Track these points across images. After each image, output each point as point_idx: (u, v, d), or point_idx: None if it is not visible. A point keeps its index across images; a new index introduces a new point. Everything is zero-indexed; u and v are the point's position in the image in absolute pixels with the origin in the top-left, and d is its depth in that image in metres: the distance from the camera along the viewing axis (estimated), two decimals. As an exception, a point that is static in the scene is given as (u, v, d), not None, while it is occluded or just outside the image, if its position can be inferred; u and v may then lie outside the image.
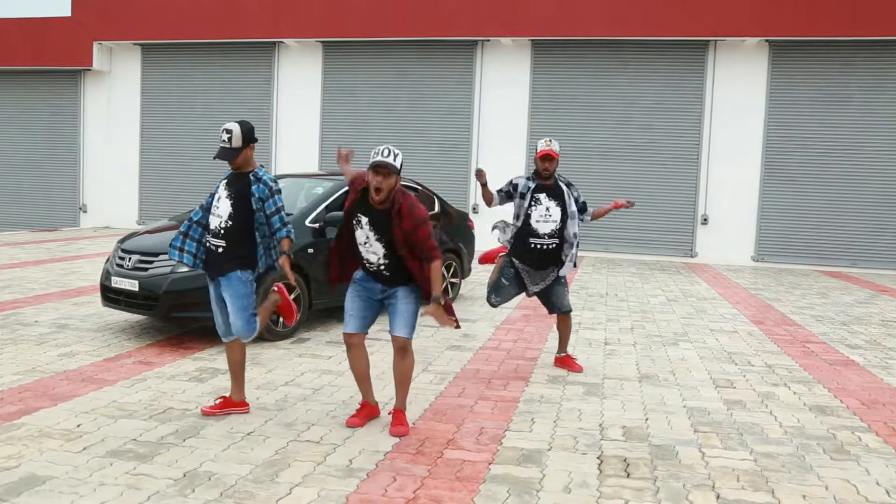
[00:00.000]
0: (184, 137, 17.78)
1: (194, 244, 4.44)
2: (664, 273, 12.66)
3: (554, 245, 5.44)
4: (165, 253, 6.23)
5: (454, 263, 8.77)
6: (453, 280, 8.75)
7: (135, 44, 17.81)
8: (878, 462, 3.94)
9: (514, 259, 5.57)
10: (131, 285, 6.20)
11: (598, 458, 3.87)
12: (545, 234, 5.41)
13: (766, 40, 14.49)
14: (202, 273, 5.98)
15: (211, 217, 4.39)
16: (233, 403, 4.43)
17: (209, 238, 4.41)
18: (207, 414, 4.34)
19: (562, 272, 5.52)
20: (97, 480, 3.39)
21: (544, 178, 5.48)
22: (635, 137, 15.17)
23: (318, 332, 6.82)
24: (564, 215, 5.42)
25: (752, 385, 5.44)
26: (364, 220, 4.11)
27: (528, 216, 5.44)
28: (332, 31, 16.19)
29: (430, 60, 16.14)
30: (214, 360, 5.66)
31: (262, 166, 4.47)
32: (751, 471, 3.76)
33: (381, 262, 4.13)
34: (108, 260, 6.79)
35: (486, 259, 6.07)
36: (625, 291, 10.18)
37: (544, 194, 5.45)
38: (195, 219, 4.46)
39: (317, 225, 6.90)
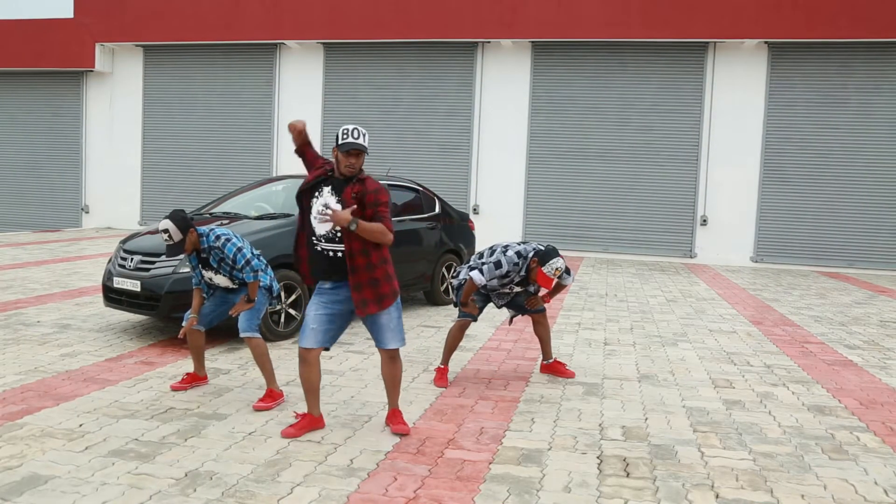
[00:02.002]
0: (185, 138, 17.81)
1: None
2: (663, 273, 12.68)
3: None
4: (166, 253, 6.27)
5: (455, 264, 8.79)
6: (454, 280, 8.76)
7: (137, 45, 17.85)
8: (877, 462, 3.96)
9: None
10: (133, 286, 6.23)
11: (597, 457, 3.89)
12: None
13: (765, 42, 14.51)
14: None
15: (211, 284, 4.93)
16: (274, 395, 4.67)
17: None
18: (259, 409, 4.54)
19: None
20: (99, 480, 3.41)
21: None
22: (635, 139, 15.19)
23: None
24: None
25: (750, 385, 5.46)
26: (326, 188, 4.04)
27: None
28: (333, 32, 16.22)
29: (430, 62, 16.16)
30: (215, 359, 5.68)
31: (201, 234, 4.74)
32: (750, 470, 3.77)
33: (333, 232, 3.98)
34: (110, 260, 6.82)
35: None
36: (624, 292, 10.20)
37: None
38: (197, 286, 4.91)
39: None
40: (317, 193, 4.08)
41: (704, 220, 14.93)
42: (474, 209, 15.79)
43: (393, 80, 16.33)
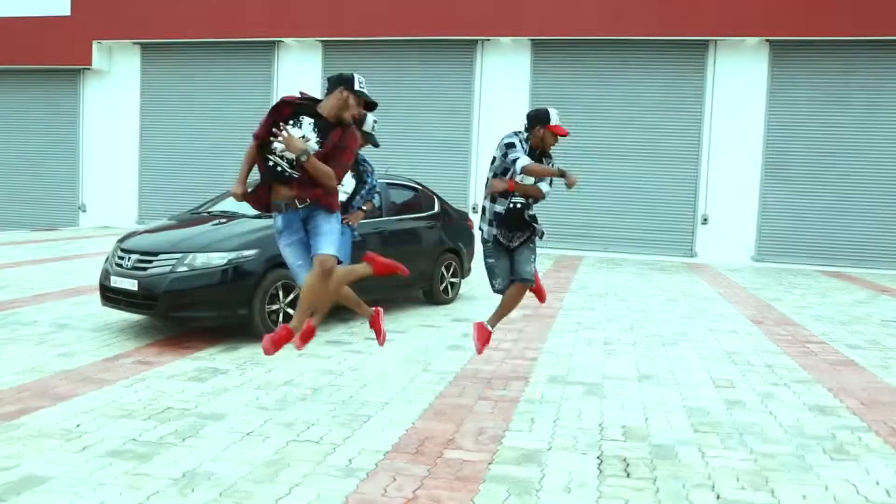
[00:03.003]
0: (183, 136, 17.77)
1: None
2: (664, 273, 12.66)
3: (521, 204, 5.20)
4: (165, 252, 6.25)
5: (454, 263, 8.77)
6: (453, 280, 8.75)
7: (134, 43, 17.81)
8: (878, 462, 3.94)
9: (487, 228, 5.22)
10: (131, 285, 6.19)
11: (597, 457, 3.87)
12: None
13: (767, 40, 14.49)
14: (201, 273, 6.01)
15: None
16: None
17: None
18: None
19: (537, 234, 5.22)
20: (97, 480, 3.39)
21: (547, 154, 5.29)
22: (635, 137, 15.17)
23: (318, 331, 6.80)
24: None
25: (751, 385, 5.44)
26: (307, 120, 4.22)
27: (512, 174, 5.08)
28: (332, 30, 16.19)
29: (430, 60, 16.14)
30: (214, 359, 5.66)
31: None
32: (750, 470, 3.75)
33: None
34: (107, 259, 6.79)
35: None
36: (625, 291, 10.18)
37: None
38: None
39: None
40: (292, 122, 4.19)
41: (705, 219, 14.91)
42: (474, 208, 15.77)
43: (392, 78, 16.29)
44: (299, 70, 16.80)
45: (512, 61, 15.71)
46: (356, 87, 4.24)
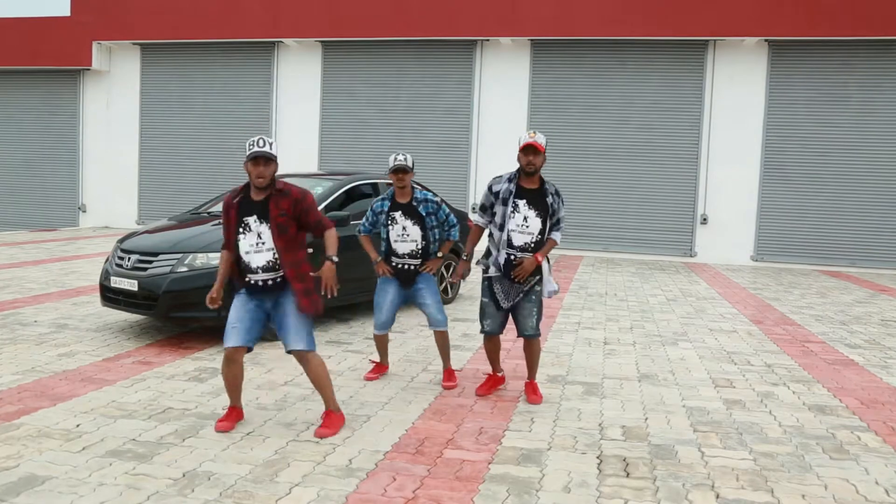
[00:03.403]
0: (183, 137, 17.77)
1: None
2: (664, 273, 12.67)
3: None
4: (164, 253, 6.26)
5: (453, 263, 8.77)
6: (453, 280, 8.74)
7: (134, 43, 17.81)
8: (878, 461, 3.94)
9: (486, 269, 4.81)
10: (130, 285, 6.20)
11: (597, 457, 3.87)
12: (517, 247, 4.61)
13: (766, 40, 14.49)
14: (201, 273, 6.00)
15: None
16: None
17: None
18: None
19: (543, 287, 4.67)
20: (96, 480, 3.39)
21: (528, 173, 4.60)
22: (635, 137, 15.17)
23: (317, 332, 6.81)
24: (544, 227, 4.63)
25: (751, 384, 5.44)
26: (251, 218, 3.99)
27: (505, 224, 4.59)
28: (332, 30, 16.19)
29: (429, 60, 16.14)
30: (214, 359, 5.66)
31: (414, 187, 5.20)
32: (750, 470, 3.76)
33: (273, 259, 3.99)
34: (107, 260, 6.79)
35: None
36: (624, 291, 10.18)
37: (524, 201, 4.61)
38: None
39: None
40: (241, 230, 4.00)
41: (704, 219, 14.92)
42: (473, 209, 15.77)
43: (391, 78, 16.30)
44: (299, 71, 16.81)
45: (511, 62, 15.71)
46: (247, 153, 3.95)
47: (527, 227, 4.59)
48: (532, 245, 4.61)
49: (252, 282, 4.05)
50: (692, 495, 3.43)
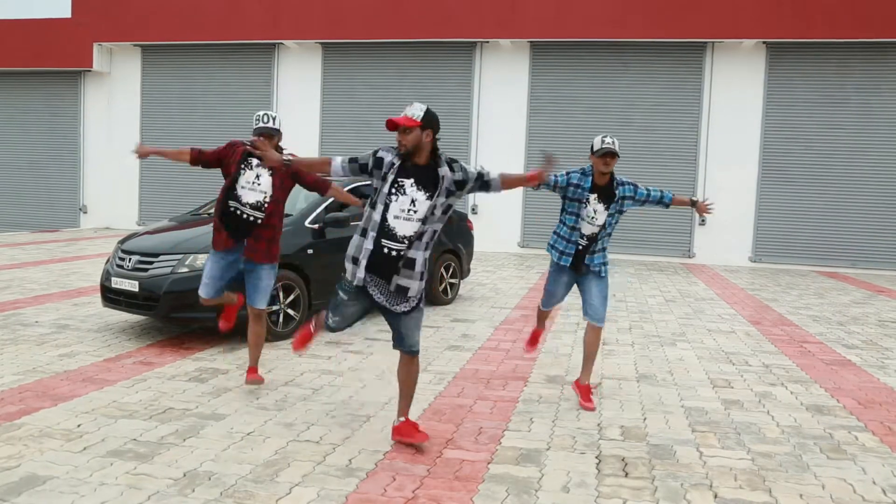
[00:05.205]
0: (184, 138, 17.76)
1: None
2: (662, 273, 12.69)
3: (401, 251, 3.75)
4: (165, 253, 6.28)
5: (453, 264, 8.79)
6: (452, 280, 8.77)
7: (135, 45, 17.83)
8: (875, 461, 3.96)
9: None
10: (131, 286, 6.22)
11: (596, 457, 3.89)
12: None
13: (764, 42, 14.52)
14: (202, 274, 6.03)
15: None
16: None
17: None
18: None
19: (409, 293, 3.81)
20: (97, 480, 3.41)
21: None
22: (633, 139, 15.18)
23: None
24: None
25: (749, 385, 5.46)
26: (254, 161, 4.71)
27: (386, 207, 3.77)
28: (332, 32, 16.21)
29: (429, 62, 16.16)
30: (214, 360, 5.68)
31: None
32: (748, 470, 3.78)
33: (262, 199, 4.72)
34: (108, 260, 6.81)
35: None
36: (623, 292, 10.20)
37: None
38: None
39: (316, 226, 6.93)
40: (243, 166, 4.68)
41: (703, 220, 14.93)
42: (473, 209, 15.79)
43: (392, 80, 16.32)
44: (299, 72, 16.83)
45: (511, 64, 15.73)
46: (254, 126, 4.73)
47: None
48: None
49: (235, 210, 4.72)
50: (690, 495, 3.45)
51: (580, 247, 4.92)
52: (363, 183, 7.85)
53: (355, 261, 3.79)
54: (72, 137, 18.66)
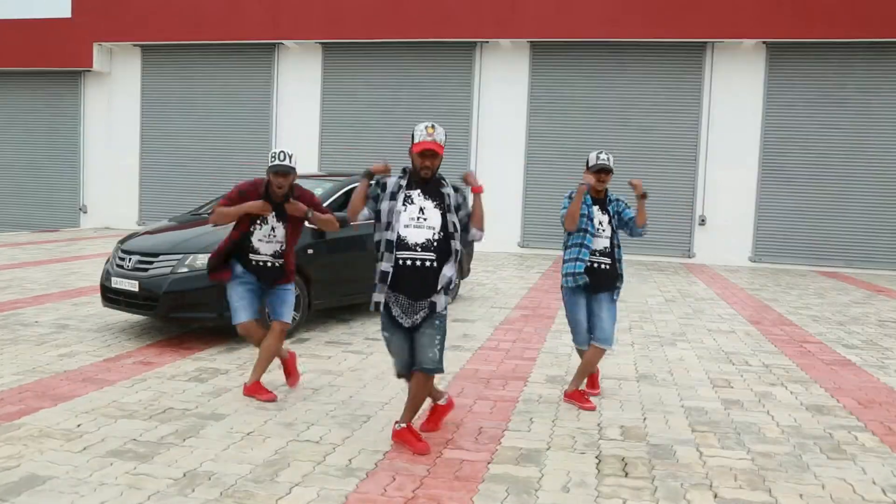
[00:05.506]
0: (184, 138, 17.79)
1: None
2: (662, 273, 12.69)
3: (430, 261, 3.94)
4: (165, 253, 6.28)
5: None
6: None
7: (135, 45, 17.83)
8: (875, 461, 3.96)
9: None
10: (131, 286, 6.22)
11: (596, 457, 3.89)
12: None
13: (764, 42, 14.52)
14: (202, 274, 6.00)
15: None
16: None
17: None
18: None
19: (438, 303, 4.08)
20: (97, 480, 3.41)
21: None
22: (633, 138, 15.19)
23: (317, 332, 6.84)
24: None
25: (749, 385, 5.46)
26: (271, 215, 4.68)
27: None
28: (332, 32, 16.20)
29: (429, 62, 16.16)
30: (214, 360, 5.68)
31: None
32: (748, 470, 3.78)
33: (280, 249, 4.73)
34: (108, 260, 6.81)
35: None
36: (622, 291, 10.17)
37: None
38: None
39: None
40: (259, 222, 4.67)
41: (703, 220, 14.94)
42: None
43: (392, 80, 16.32)
44: (299, 72, 16.83)
45: (510, 64, 15.73)
46: (269, 164, 4.62)
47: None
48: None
49: (255, 262, 4.71)
50: (690, 495, 3.45)
51: (594, 264, 4.88)
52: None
53: (376, 286, 3.92)
54: (72, 137, 18.65)
